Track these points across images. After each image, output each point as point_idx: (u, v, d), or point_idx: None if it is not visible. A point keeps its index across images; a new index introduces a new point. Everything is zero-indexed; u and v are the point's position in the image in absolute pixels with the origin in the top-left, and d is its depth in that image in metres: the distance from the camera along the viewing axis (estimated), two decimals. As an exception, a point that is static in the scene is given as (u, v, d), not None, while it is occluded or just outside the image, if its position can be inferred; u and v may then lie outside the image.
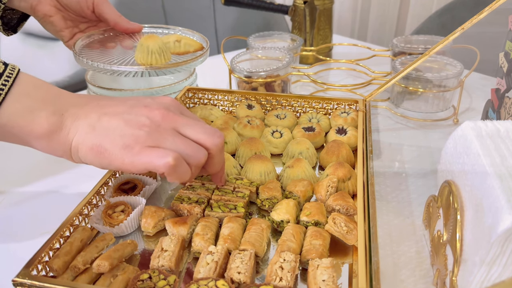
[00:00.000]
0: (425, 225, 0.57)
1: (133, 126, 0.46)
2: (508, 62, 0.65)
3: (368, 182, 0.57)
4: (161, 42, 0.76)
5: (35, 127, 0.46)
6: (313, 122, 0.77)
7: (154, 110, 0.48)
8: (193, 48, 0.82)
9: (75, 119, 0.47)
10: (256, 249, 0.50)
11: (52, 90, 0.49)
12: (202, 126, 0.49)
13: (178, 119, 0.48)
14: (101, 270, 0.47)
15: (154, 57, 0.74)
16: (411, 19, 1.92)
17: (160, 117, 0.47)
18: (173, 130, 0.47)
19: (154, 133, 0.46)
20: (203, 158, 0.48)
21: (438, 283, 0.49)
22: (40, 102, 0.47)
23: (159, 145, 0.45)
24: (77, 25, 0.79)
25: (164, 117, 0.47)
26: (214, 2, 1.66)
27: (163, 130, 0.47)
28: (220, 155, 0.51)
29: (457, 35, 0.69)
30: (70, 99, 0.49)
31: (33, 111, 0.46)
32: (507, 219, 0.36)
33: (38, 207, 0.65)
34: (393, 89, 0.92)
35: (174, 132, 0.47)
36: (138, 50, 0.75)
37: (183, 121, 0.48)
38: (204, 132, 0.49)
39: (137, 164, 0.45)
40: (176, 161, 0.45)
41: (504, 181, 0.39)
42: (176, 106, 0.51)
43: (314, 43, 1.17)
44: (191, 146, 0.47)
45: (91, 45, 0.81)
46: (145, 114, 0.47)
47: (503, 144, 0.45)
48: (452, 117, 0.86)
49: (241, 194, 0.59)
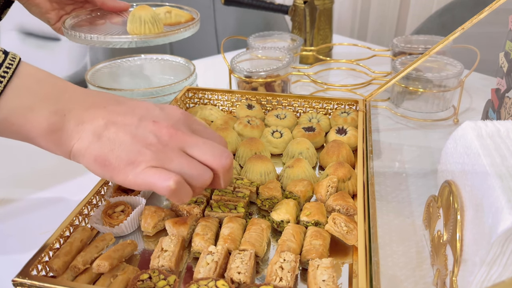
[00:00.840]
0: (425, 225, 0.57)
1: (140, 143, 0.45)
2: (508, 62, 0.65)
3: (368, 182, 0.57)
4: (154, 12, 0.76)
5: (34, 125, 0.44)
6: (313, 122, 0.77)
7: (163, 128, 0.46)
8: (184, 19, 0.82)
9: (78, 122, 0.45)
10: (256, 249, 0.50)
11: (56, 84, 0.46)
12: (210, 146, 0.48)
13: (186, 139, 0.47)
14: (101, 270, 0.47)
15: (147, 27, 0.74)
16: (411, 19, 1.92)
17: (167, 137, 0.46)
18: (180, 150, 0.46)
19: (160, 153, 0.45)
20: (207, 180, 0.47)
21: (438, 283, 0.49)
22: (42, 99, 0.45)
23: (164, 166, 0.45)
24: (63, 7, 0.78)
25: (172, 137, 0.46)
26: (214, 2, 1.66)
27: (169, 150, 0.46)
28: (227, 175, 0.49)
29: (457, 35, 0.69)
30: (75, 96, 0.47)
31: (33, 109, 0.44)
32: (507, 219, 0.36)
33: (38, 207, 0.65)
34: (393, 89, 0.92)
35: (180, 152, 0.46)
36: (130, 21, 0.75)
37: (191, 141, 0.47)
38: (212, 154, 0.47)
39: (139, 183, 0.44)
40: (178, 185, 0.44)
41: (504, 181, 0.39)
42: (185, 120, 0.49)
43: (314, 43, 1.17)
44: (196, 167, 0.46)
45: (80, 24, 0.80)
46: (153, 131, 0.46)
47: (503, 144, 0.45)
48: (452, 117, 0.86)
49: (241, 194, 0.59)
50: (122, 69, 0.97)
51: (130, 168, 0.44)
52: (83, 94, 0.47)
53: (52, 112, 0.45)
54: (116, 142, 0.44)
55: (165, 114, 0.48)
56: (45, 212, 0.64)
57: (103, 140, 0.44)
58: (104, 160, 0.44)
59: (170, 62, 1.00)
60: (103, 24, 0.80)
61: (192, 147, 0.47)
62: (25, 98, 0.44)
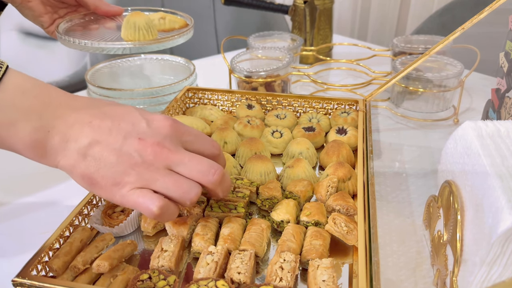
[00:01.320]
0: (425, 225, 0.57)
1: (125, 163, 0.44)
2: (509, 62, 0.65)
3: (368, 182, 0.57)
4: (148, 19, 0.76)
5: (18, 140, 0.44)
6: (313, 122, 0.77)
7: (148, 146, 0.45)
8: (178, 25, 0.81)
9: (62, 140, 0.44)
10: (256, 249, 0.50)
11: (40, 96, 0.45)
12: (196, 163, 0.47)
13: (172, 156, 0.46)
14: (101, 270, 0.47)
15: (141, 33, 0.74)
16: (411, 19, 1.92)
17: (152, 156, 0.45)
18: (165, 168, 0.46)
19: (145, 172, 0.45)
20: (194, 197, 0.46)
21: (438, 283, 0.49)
22: (25, 114, 0.44)
23: (149, 186, 0.45)
24: (56, 11, 0.78)
25: (157, 155, 0.45)
26: (214, 2, 1.66)
27: (154, 169, 0.45)
28: (220, 187, 0.49)
29: (457, 35, 0.69)
30: (59, 111, 0.45)
31: (15, 124, 0.43)
32: (507, 219, 0.36)
33: (38, 207, 0.65)
34: (393, 89, 0.92)
35: (166, 171, 0.45)
36: (124, 27, 0.75)
37: (177, 159, 0.46)
38: (198, 171, 0.46)
39: (126, 203, 0.44)
40: (161, 209, 0.44)
41: (504, 181, 0.39)
42: (174, 134, 0.48)
43: (314, 43, 1.17)
44: (182, 186, 0.45)
45: (73, 28, 0.80)
46: (138, 150, 0.45)
47: (504, 144, 0.45)
48: (452, 117, 0.86)
49: (241, 194, 0.59)
50: (122, 69, 0.97)
51: (116, 188, 0.44)
52: (67, 108, 0.46)
53: (35, 128, 0.44)
54: (101, 162, 0.44)
55: (152, 130, 0.47)
56: (45, 212, 0.64)
57: (88, 160, 0.44)
58: (90, 179, 0.44)
59: (170, 62, 1.00)
60: (96, 29, 0.80)
61: (178, 165, 0.46)
62: (8, 113, 0.43)
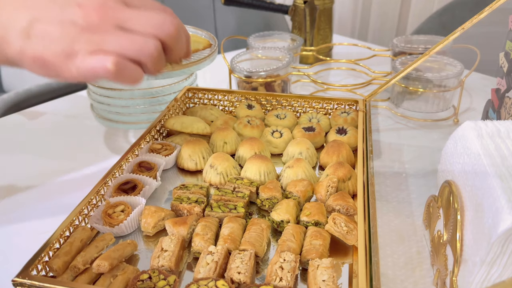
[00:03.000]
0: (425, 225, 0.57)
1: (71, 34, 0.41)
2: (508, 62, 0.65)
3: (368, 182, 0.57)
4: None
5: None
6: (313, 122, 0.77)
7: (90, 10, 0.42)
8: (202, 46, 0.76)
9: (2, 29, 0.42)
10: (256, 249, 0.50)
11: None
12: (148, 16, 0.43)
13: (118, 13, 0.43)
14: (101, 270, 0.47)
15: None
16: (412, 18, 1.93)
17: (97, 17, 0.42)
18: (115, 27, 0.42)
19: (93, 35, 0.41)
20: (153, 50, 0.43)
21: (438, 283, 0.49)
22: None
23: (101, 48, 0.41)
24: None
25: (102, 16, 0.42)
26: (214, 2, 1.66)
27: (102, 30, 0.42)
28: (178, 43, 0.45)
29: (457, 35, 0.69)
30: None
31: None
32: (507, 219, 0.36)
33: (38, 207, 0.65)
34: (393, 89, 0.92)
35: (116, 29, 0.42)
36: None
37: (125, 16, 0.43)
38: (151, 24, 0.43)
39: (84, 73, 0.42)
40: (117, 65, 0.41)
41: (504, 181, 0.39)
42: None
43: (314, 43, 1.17)
44: (136, 41, 0.42)
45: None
46: (81, 17, 0.42)
47: (503, 144, 0.45)
48: (452, 117, 0.86)
49: (241, 194, 0.59)
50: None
51: (70, 61, 0.41)
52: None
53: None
54: (47, 38, 0.41)
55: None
56: (45, 212, 0.64)
57: (33, 40, 0.41)
58: (42, 60, 0.41)
59: (170, 62, 0.99)
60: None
61: (127, 21, 0.43)
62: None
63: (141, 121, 0.85)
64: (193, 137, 0.74)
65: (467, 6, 1.46)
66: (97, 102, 0.85)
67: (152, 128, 0.73)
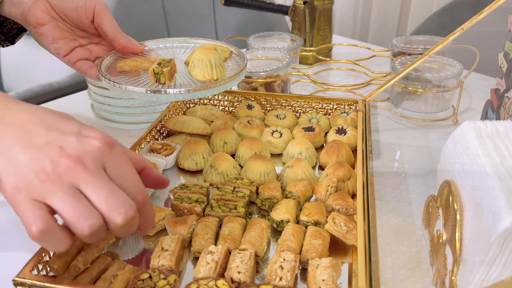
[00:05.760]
0: (424, 225, 0.57)
1: (32, 168, 0.40)
2: (508, 62, 0.65)
3: (368, 182, 0.57)
4: (217, 53, 0.67)
5: None
6: (313, 122, 0.77)
7: (64, 157, 0.41)
8: (228, 54, 0.73)
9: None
10: (256, 248, 0.50)
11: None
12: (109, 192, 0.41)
13: (85, 175, 0.41)
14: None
15: (218, 70, 0.66)
16: (412, 19, 1.93)
17: (64, 168, 0.40)
18: (71, 186, 0.40)
19: (48, 184, 0.40)
20: (86, 228, 0.40)
21: (437, 282, 0.49)
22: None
23: (45, 200, 0.40)
24: (75, 38, 0.67)
25: (69, 169, 0.40)
26: (214, 2, 1.66)
27: (60, 183, 0.40)
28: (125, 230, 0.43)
29: (457, 35, 0.69)
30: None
31: None
32: (506, 219, 0.36)
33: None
34: (392, 89, 0.92)
35: (71, 189, 0.40)
36: (197, 66, 0.65)
37: (89, 180, 0.41)
38: (107, 202, 0.41)
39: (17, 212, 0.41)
40: (41, 234, 0.40)
41: (503, 181, 0.39)
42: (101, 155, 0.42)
43: (314, 43, 1.17)
44: (79, 210, 0.40)
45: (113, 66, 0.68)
46: (52, 158, 0.41)
47: (503, 144, 0.45)
48: (451, 117, 0.86)
49: (241, 194, 0.60)
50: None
51: (14, 192, 0.41)
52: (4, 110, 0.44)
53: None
54: (13, 160, 0.41)
55: (78, 143, 0.42)
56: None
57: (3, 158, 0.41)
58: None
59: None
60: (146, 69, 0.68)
61: (87, 186, 0.41)
62: None
63: (141, 121, 0.85)
64: (193, 137, 0.74)
65: (467, 6, 1.46)
66: (98, 102, 0.85)
67: (152, 128, 0.73)
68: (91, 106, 0.91)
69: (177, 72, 0.67)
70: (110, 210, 0.41)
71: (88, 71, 0.66)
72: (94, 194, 0.41)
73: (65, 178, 0.40)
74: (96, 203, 0.41)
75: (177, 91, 0.60)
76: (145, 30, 1.56)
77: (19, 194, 0.40)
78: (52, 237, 0.41)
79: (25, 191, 0.40)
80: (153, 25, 1.60)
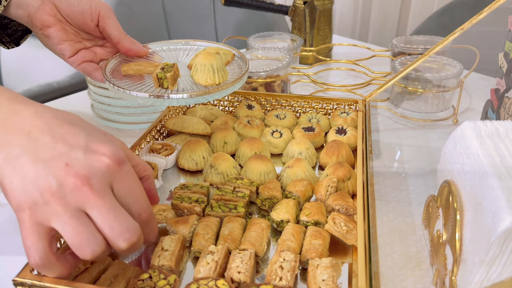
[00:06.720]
0: (424, 225, 0.57)
1: (38, 186, 0.39)
2: (508, 62, 0.65)
3: (368, 182, 0.57)
4: (219, 57, 0.68)
5: None
6: (313, 122, 0.77)
7: (71, 176, 0.40)
8: (230, 57, 0.74)
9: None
10: (256, 248, 0.50)
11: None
12: (114, 217, 0.40)
13: (91, 198, 0.40)
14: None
15: (220, 75, 0.66)
16: (412, 19, 1.93)
17: (70, 188, 0.39)
18: (76, 209, 0.40)
19: (52, 205, 0.39)
20: (89, 253, 0.40)
21: (437, 282, 0.49)
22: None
23: (48, 222, 0.40)
24: (80, 40, 0.68)
25: (75, 190, 0.39)
26: (214, 2, 1.66)
27: (64, 204, 0.39)
28: (125, 253, 0.43)
29: (457, 35, 0.69)
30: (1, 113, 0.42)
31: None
32: (506, 219, 0.36)
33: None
34: (392, 89, 0.92)
35: (75, 211, 0.40)
36: (199, 70, 0.66)
37: (95, 202, 0.40)
38: (111, 227, 0.40)
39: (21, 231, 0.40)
40: (39, 268, 0.40)
41: (503, 181, 0.39)
42: (109, 174, 0.41)
43: (314, 43, 1.17)
44: (82, 235, 0.40)
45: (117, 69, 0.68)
46: (58, 176, 0.40)
47: (503, 144, 0.45)
48: (451, 117, 0.86)
49: (241, 194, 0.60)
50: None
51: (18, 208, 0.40)
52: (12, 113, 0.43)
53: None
54: (20, 174, 0.40)
55: (86, 160, 0.41)
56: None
57: (9, 168, 0.40)
58: (2, 184, 0.40)
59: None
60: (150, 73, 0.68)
61: (93, 210, 0.40)
62: None
63: (141, 121, 0.85)
64: (193, 137, 0.74)
65: (467, 6, 1.46)
66: (98, 102, 0.85)
67: (152, 128, 0.73)
68: (91, 106, 0.91)
69: (180, 76, 0.68)
70: (114, 235, 0.41)
71: (93, 73, 0.67)
72: (99, 218, 0.40)
73: (70, 200, 0.40)
74: (100, 226, 0.40)
75: (180, 96, 0.61)
76: (145, 30, 1.56)
77: (23, 213, 0.40)
78: (49, 269, 0.42)
79: (29, 211, 0.40)
80: (153, 25, 1.60)
